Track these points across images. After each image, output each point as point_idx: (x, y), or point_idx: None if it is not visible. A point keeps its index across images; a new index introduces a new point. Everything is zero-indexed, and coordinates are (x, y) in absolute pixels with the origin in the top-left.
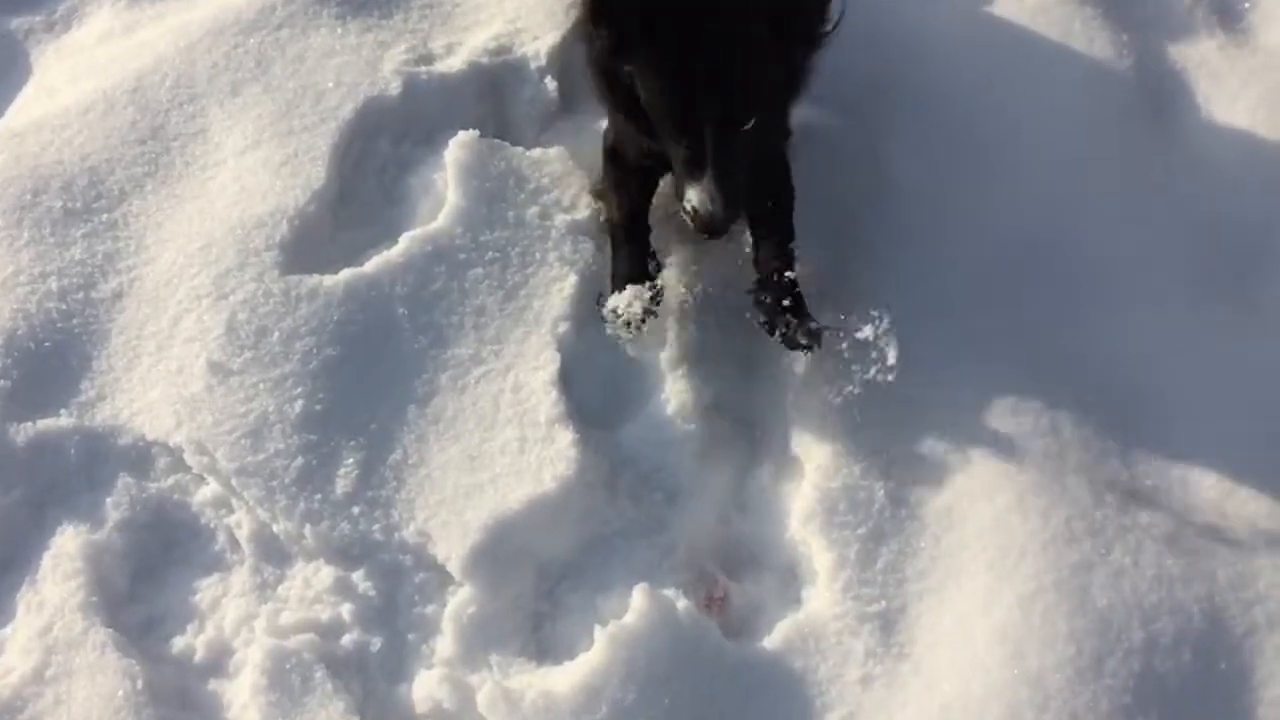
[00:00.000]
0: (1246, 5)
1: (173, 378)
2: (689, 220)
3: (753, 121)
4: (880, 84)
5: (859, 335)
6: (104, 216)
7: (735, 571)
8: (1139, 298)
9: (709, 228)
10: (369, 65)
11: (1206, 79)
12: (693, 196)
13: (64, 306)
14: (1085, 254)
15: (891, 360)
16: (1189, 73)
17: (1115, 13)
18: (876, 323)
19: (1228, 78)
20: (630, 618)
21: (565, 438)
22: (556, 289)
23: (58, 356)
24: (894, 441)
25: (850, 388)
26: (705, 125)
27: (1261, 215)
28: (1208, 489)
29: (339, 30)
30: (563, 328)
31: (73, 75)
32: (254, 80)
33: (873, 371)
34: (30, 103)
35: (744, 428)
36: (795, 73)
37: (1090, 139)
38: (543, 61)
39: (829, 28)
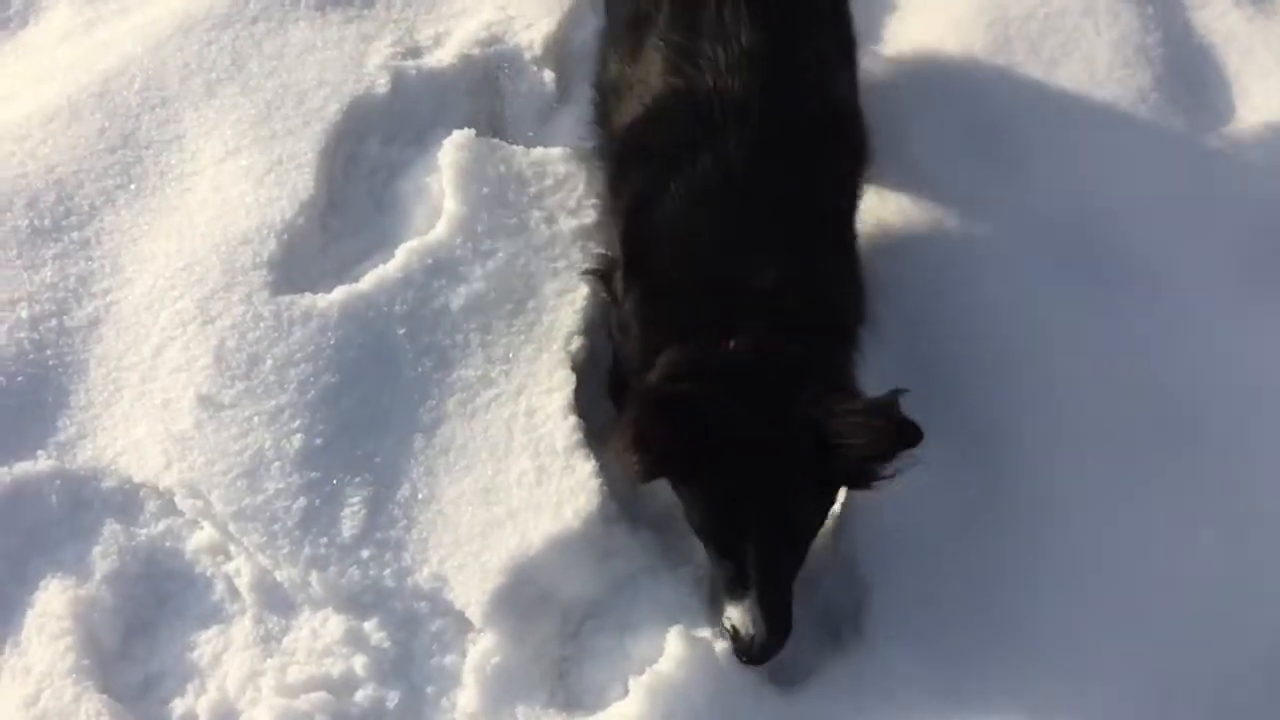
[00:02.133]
0: None
1: (159, 413)
2: (729, 640)
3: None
4: (889, 79)
5: None
6: (75, 235)
7: None
8: (1183, 290)
9: (751, 654)
10: (353, 61)
11: (1237, 54)
12: (734, 616)
13: (36, 336)
14: (1126, 244)
15: None
16: (1218, 48)
17: None
18: None
19: (1260, 52)
20: (666, 664)
21: (585, 467)
22: (568, 301)
23: (32, 392)
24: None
25: None
26: (751, 549)
27: None
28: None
29: (319, 22)
30: (576, 344)
31: (32, 78)
32: (230, 80)
33: None
34: None
35: None
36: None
37: (1124, 123)
38: (538, 51)
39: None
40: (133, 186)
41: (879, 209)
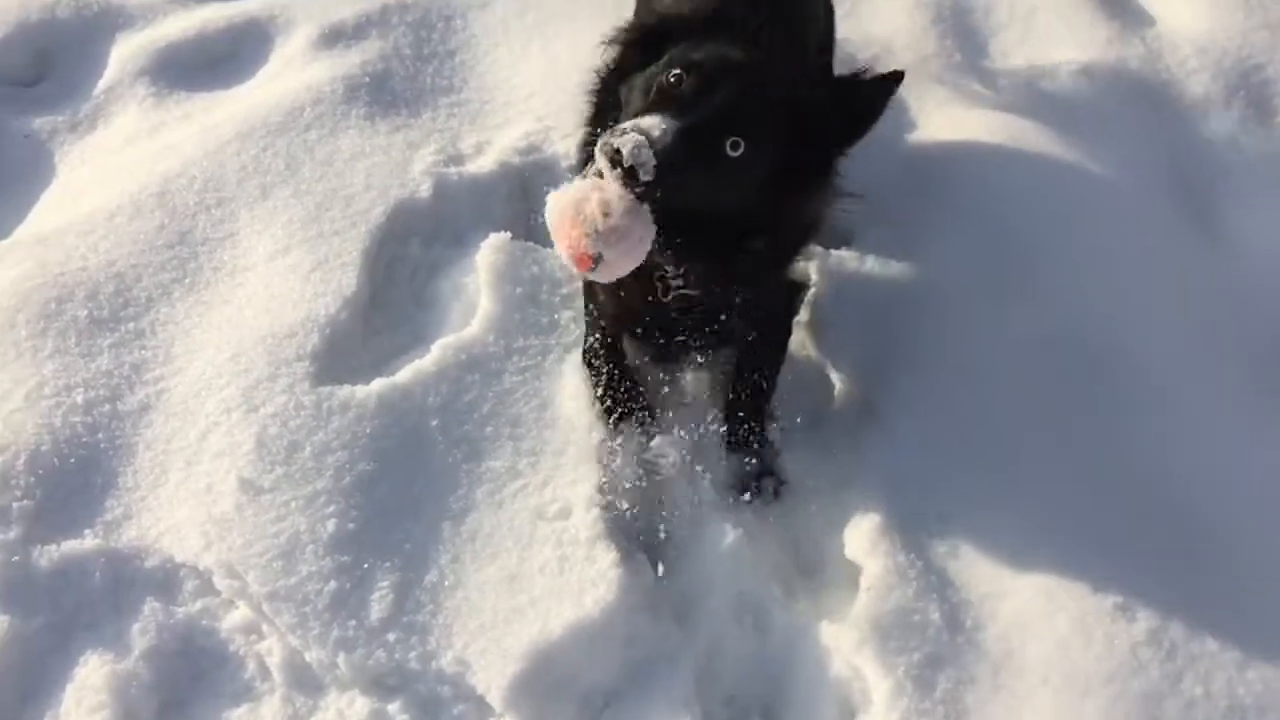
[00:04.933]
0: (1275, 89)
1: (201, 496)
2: (605, 158)
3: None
4: (914, 185)
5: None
6: (131, 325)
7: (786, 696)
8: (1191, 404)
9: (640, 147)
10: (399, 166)
11: (1241, 167)
12: (640, 122)
13: (89, 420)
14: (1132, 357)
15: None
16: (1223, 159)
17: (1147, 101)
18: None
19: (1262, 165)
20: None
21: (607, 558)
22: (594, 398)
23: (82, 474)
24: (947, 560)
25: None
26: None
27: None
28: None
29: (368, 130)
30: (599, 438)
31: (99, 178)
32: (283, 183)
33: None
34: (55, 207)
35: (791, 546)
36: (802, 213)
37: (1130, 232)
38: (573, 160)
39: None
40: (187, 280)
41: (882, 304)
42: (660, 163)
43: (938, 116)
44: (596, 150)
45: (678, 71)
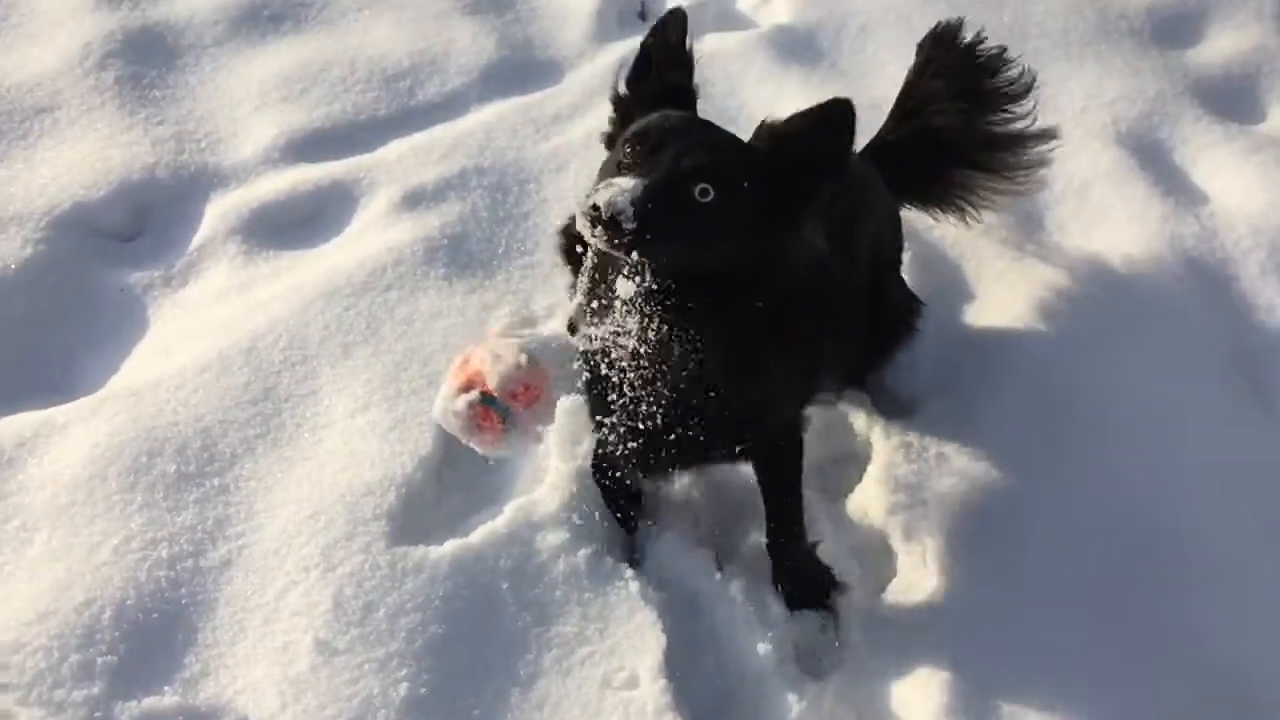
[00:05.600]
0: None
1: (278, 654)
2: (585, 226)
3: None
4: (972, 357)
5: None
6: (216, 480)
7: None
8: (1254, 582)
9: (613, 213)
10: (475, 327)
11: None
12: (614, 183)
13: (173, 575)
14: (1193, 533)
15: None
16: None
17: (1203, 278)
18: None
19: None
20: None
21: None
22: None
23: (164, 629)
24: None
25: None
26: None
27: None
28: None
29: (446, 291)
30: (666, 605)
31: (190, 333)
32: (364, 342)
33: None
34: (147, 360)
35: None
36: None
37: (1188, 408)
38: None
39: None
40: (270, 436)
41: (939, 478)
42: (639, 210)
43: (995, 288)
44: (576, 217)
45: (629, 146)
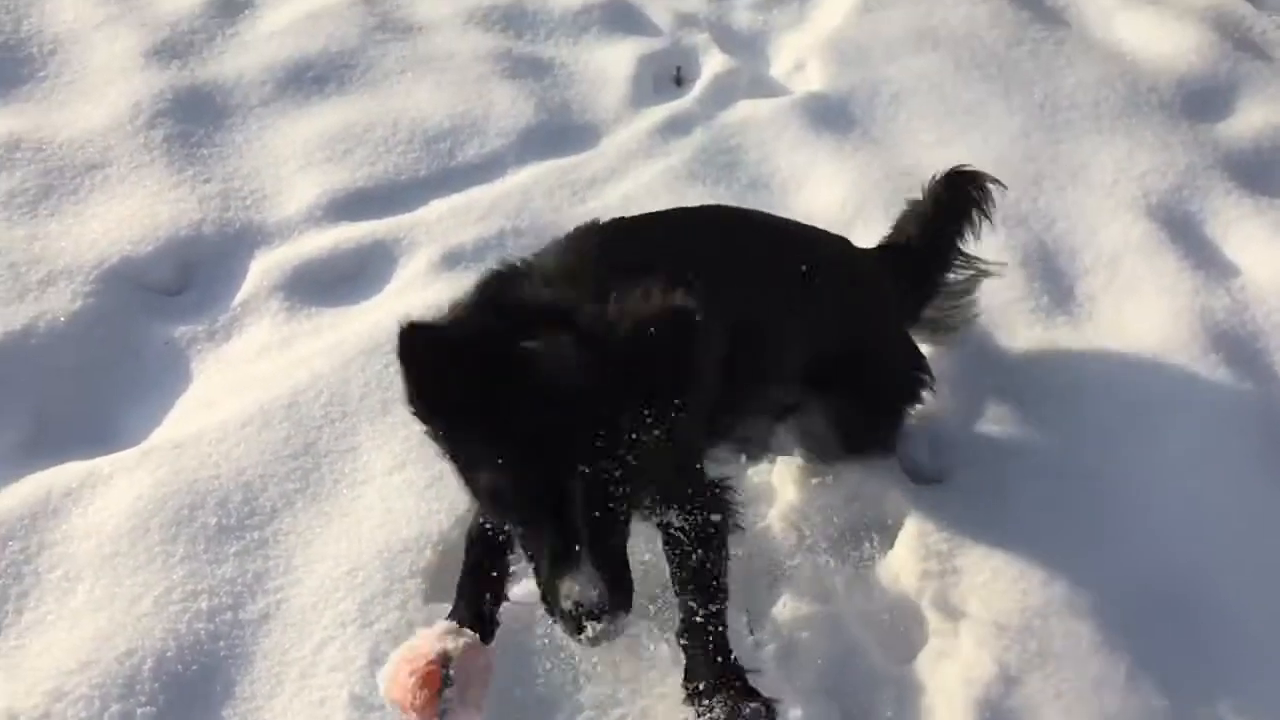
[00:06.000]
0: None
1: (314, 709)
2: (565, 627)
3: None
4: (1002, 428)
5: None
6: (256, 534)
7: None
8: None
9: (594, 615)
10: None
11: None
12: (565, 588)
13: (212, 627)
14: (1226, 610)
15: None
16: None
17: (1234, 351)
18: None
19: None
20: None
21: None
22: None
23: (203, 681)
24: None
25: None
26: (571, 509)
27: None
28: None
29: None
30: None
31: (232, 387)
32: (402, 400)
33: None
34: (190, 413)
35: None
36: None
37: (1220, 483)
38: None
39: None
40: (310, 491)
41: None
42: (616, 607)
43: (1027, 358)
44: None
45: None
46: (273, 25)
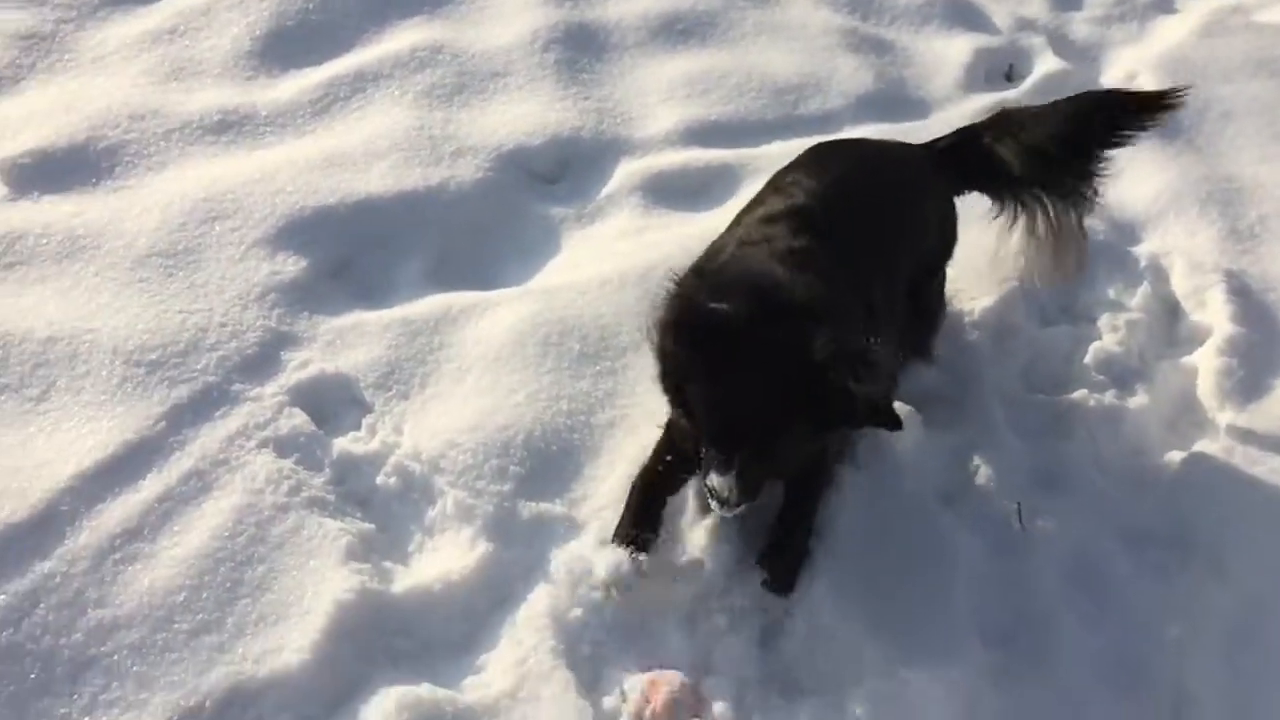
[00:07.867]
0: None
1: None
2: (708, 494)
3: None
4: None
5: None
6: (608, 363)
7: None
8: None
9: (723, 501)
10: None
11: None
12: (715, 480)
13: (569, 423)
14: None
15: None
16: None
17: None
18: None
19: None
20: None
21: None
22: None
23: (560, 459)
24: None
25: None
26: (741, 452)
27: None
28: None
29: None
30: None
31: (594, 256)
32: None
33: None
34: (559, 270)
35: None
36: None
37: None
38: None
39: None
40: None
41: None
42: (741, 500)
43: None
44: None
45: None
46: None
